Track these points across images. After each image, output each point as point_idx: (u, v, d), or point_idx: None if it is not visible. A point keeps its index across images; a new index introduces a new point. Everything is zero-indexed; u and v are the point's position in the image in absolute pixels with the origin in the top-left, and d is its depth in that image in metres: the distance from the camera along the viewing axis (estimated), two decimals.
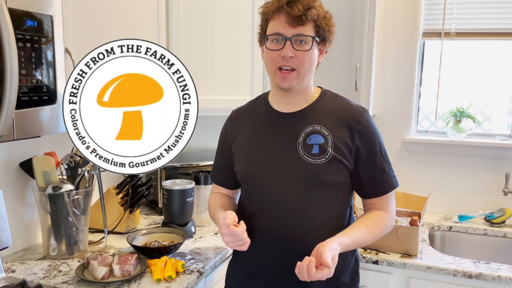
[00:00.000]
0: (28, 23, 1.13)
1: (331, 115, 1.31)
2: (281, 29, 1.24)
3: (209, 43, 2.03)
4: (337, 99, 1.36)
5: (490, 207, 2.27)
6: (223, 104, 2.11)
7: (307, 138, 1.29)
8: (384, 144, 1.34)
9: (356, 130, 1.29)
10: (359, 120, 1.29)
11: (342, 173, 1.29)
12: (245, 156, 1.39)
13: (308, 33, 1.23)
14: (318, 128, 1.29)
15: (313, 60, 1.27)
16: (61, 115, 1.32)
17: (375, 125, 1.34)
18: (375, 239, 1.32)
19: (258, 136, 1.37)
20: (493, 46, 2.28)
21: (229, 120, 1.50)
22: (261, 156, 1.34)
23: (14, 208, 1.66)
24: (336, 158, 1.27)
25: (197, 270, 1.55)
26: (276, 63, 1.26)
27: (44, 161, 1.62)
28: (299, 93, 1.32)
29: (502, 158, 2.23)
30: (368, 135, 1.30)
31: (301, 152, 1.29)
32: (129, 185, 1.89)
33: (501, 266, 1.70)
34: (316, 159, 1.27)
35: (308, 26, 1.23)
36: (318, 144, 1.28)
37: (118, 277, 1.43)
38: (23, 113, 1.13)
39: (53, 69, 1.22)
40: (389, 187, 1.34)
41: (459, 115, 2.29)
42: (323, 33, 1.26)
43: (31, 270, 1.52)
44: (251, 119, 1.41)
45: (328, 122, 1.30)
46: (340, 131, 1.29)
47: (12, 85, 1.02)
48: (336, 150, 1.27)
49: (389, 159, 1.35)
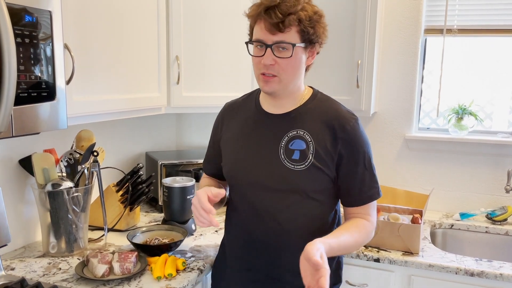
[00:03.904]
0: (26, 18, 1.11)
1: (317, 120, 1.29)
2: (262, 36, 1.22)
3: (210, 39, 2.02)
4: (327, 103, 1.33)
5: (492, 205, 2.26)
6: (223, 101, 2.10)
7: (289, 142, 1.28)
8: (371, 154, 1.31)
9: (340, 138, 1.26)
10: (344, 127, 1.26)
11: (322, 180, 1.28)
12: (229, 154, 1.40)
13: (290, 40, 1.19)
14: (301, 133, 1.28)
15: (297, 66, 1.25)
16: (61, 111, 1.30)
17: (363, 134, 1.30)
18: (357, 246, 1.30)
19: (244, 135, 1.37)
20: (495, 42, 2.27)
21: (221, 113, 1.51)
22: (244, 156, 1.35)
23: (14, 205, 1.65)
24: (316, 166, 1.25)
25: (198, 267, 1.55)
26: (259, 69, 1.25)
27: (43, 158, 1.61)
28: (286, 96, 1.31)
29: (504, 156, 2.22)
30: (352, 143, 1.27)
31: (282, 156, 1.28)
32: (129, 182, 1.88)
33: (503, 264, 1.69)
34: (295, 165, 1.26)
35: (290, 32, 1.19)
36: (299, 150, 1.26)
37: (118, 275, 1.42)
38: (22, 110, 1.12)
39: (52, 65, 1.21)
40: (368, 198, 1.32)
41: (461, 112, 2.27)
42: (309, 36, 1.22)
43: (31, 267, 1.51)
44: (240, 116, 1.42)
45: (313, 127, 1.28)
46: (323, 137, 1.27)
47: (10, 81, 1.01)
48: (317, 157, 1.25)
49: (374, 169, 1.32)
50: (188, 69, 2.00)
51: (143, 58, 1.79)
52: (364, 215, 1.33)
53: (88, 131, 1.78)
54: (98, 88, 1.55)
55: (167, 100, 1.97)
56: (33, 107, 1.16)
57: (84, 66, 1.47)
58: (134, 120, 2.32)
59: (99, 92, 1.56)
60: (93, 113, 1.54)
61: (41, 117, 1.19)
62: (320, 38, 1.26)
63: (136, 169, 1.89)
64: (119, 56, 1.65)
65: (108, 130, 2.13)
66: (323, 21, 1.26)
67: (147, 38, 1.80)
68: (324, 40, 1.29)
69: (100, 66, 1.55)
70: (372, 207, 1.34)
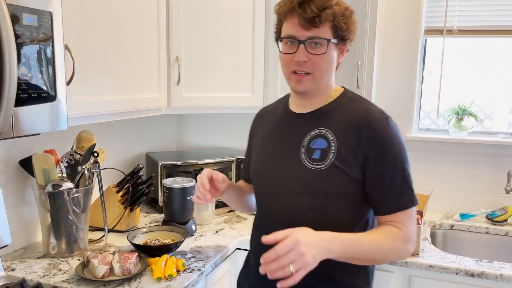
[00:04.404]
0: (27, 19, 1.12)
1: (342, 119, 1.21)
2: (294, 32, 1.16)
3: (210, 40, 2.02)
4: (356, 102, 1.24)
5: (492, 205, 2.26)
6: (223, 102, 2.11)
7: (311, 141, 1.22)
8: (404, 156, 1.18)
9: (365, 137, 1.16)
10: (370, 125, 1.16)
11: (343, 182, 1.17)
12: (256, 157, 1.37)
13: (324, 35, 1.15)
14: (323, 132, 1.21)
15: (330, 62, 1.19)
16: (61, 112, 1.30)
17: (395, 134, 1.18)
18: (384, 253, 1.15)
19: (270, 136, 1.33)
20: (495, 43, 2.27)
21: (254, 118, 1.48)
22: (267, 157, 1.31)
23: (14, 206, 1.65)
24: (337, 166, 1.17)
25: (198, 268, 1.54)
26: (290, 67, 1.19)
27: (43, 159, 1.61)
28: (316, 95, 1.25)
29: (504, 156, 2.22)
30: (379, 143, 1.16)
31: (302, 156, 1.22)
32: (129, 183, 1.88)
33: (503, 265, 1.69)
34: (315, 165, 1.19)
35: (324, 27, 1.14)
36: (320, 149, 1.20)
37: (118, 275, 1.42)
38: (22, 110, 1.12)
39: (52, 66, 1.21)
40: (399, 206, 1.17)
41: (461, 113, 2.27)
42: (342, 32, 1.17)
43: (31, 268, 1.51)
44: (269, 119, 1.38)
45: (337, 126, 1.20)
46: (347, 136, 1.18)
47: (11, 82, 1.01)
48: (338, 157, 1.17)
49: (407, 174, 1.18)
50: (189, 70, 2.01)
51: (143, 59, 1.79)
52: (397, 224, 1.18)
53: (88, 132, 1.78)
54: (99, 89, 1.56)
55: (167, 100, 1.97)
56: (34, 108, 1.16)
57: (84, 67, 1.47)
58: (135, 121, 2.32)
59: (99, 93, 1.56)
60: (93, 114, 1.54)
61: (41, 118, 1.19)
62: (351, 35, 1.21)
63: (136, 170, 1.89)
64: (120, 57, 1.65)
65: (108, 131, 2.13)
66: (353, 18, 1.21)
67: (148, 38, 1.81)
68: (354, 37, 1.23)
69: (101, 67, 1.56)
70: (406, 217, 1.18)
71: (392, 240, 1.15)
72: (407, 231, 1.17)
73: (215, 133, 2.65)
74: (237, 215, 2.20)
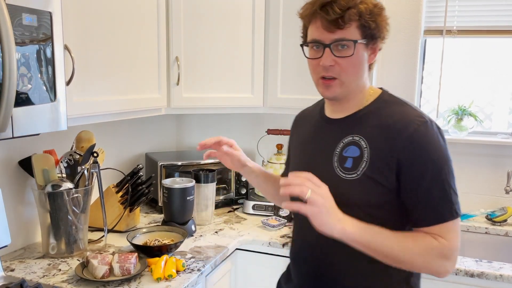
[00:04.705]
0: (27, 19, 1.11)
1: (377, 125, 1.13)
2: (318, 35, 1.11)
3: (210, 40, 2.02)
4: (393, 105, 1.16)
5: (492, 206, 2.26)
6: (223, 102, 2.11)
7: (344, 149, 1.15)
8: (444, 165, 1.08)
9: (399, 143, 1.08)
10: (405, 129, 1.08)
11: (378, 193, 1.10)
12: (293, 162, 1.34)
13: (350, 37, 1.09)
14: (357, 139, 1.14)
15: (359, 65, 1.13)
16: (61, 112, 1.30)
17: (434, 140, 1.08)
18: (408, 256, 1.07)
19: (306, 143, 1.29)
20: (495, 43, 2.27)
21: (293, 122, 1.44)
22: (303, 164, 1.27)
23: (13, 206, 1.65)
24: (369, 176, 1.10)
25: (198, 269, 1.54)
26: (318, 72, 1.14)
27: (43, 159, 1.61)
28: (348, 99, 1.18)
29: (504, 156, 2.22)
30: (415, 150, 1.07)
31: (335, 164, 1.16)
32: (129, 183, 1.88)
33: (503, 265, 1.69)
34: (347, 174, 1.12)
35: (350, 28, 1.08)
36: (352, 157, 1.13)
37: (118, 276, 1.42)
38: (22, 111, 1.12)
39: (52, 66, 1.21)
40: (436, 218, 1.08)
41: (460, 113, 2.27)
42: (371, 31, 1.10)
43: (30, 269, 1.51)
44: (305, 123, 1.34)
45: (371, 132, 1.13)
46: (381, 143, 1.10)
47: (10, 82, 1.01)
48: (371, 167, 1.10)
49: (447, 184, 1.08)
50: (188, 70, 2.00)
51: (143, 59, 1.79)
52: (435, 236, 1.08)
53: (88, 132, 1.78)
54: (98, 89, 1.55)
55: (167, 101, 1.97)
56: (33, 108, 1.16)
57: (84, 67, 1.47)
58: (134, 121, 2.32)
59: (99, 93, 1.56)
60: (93, 114, 1.54)
61: (41, 118, 1.19)
62: (382, 32, 1.14)
63: (136, 170, 1.89)
64: (119, 57, 1.65)
65: (108, 131, 2.13)
66: (384, 15, 1.14)
67: (147, 39, 1.81)
68: (386, 35, 1.17)
69: (100, 67, 1.55)
70: (445, 230, 1.08)
71: (423, 246, 1.07)
72: (445, 244, 1.07)
73: (214, 133, 2.65)
74: (237, 216, 2.20)
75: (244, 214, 2.21)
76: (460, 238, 1.11)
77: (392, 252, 1.07)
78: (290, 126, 1.45)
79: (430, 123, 1.10)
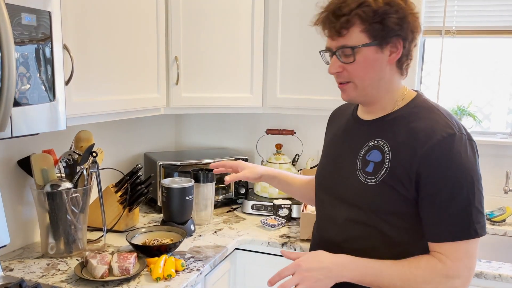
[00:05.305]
0: (26, 19, 1.11)
1: (404, 130, 1.10)
2: (328, 43, 1.14)
3: (209, 40, 2.02)
4: (423, 111, 1.12)
5: (491, 206, 2.26)
6: (222, 102, 2.11)
7: (367, 153, 1.15)
8: (466, 182, 1.04)
9: (420, 153, 1.05)
10: (429, 140, 1.04)
11: (395, 200, 1.08)
12: (322, 159, 1.34)
13: (352, 43, 1.08)
14: (381, 144, 1.12)
15: (370, 68, 1.10)
16: (60, 112, 1.30)
17: (459, 154, 1.04)
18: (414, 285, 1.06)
19: (335, 141, 1.30)
20: (494, 44, 2.27)
21: (329, 117, 1.44)
22: (329, 163, 1.28)
23: (12, 206, 1.65)
24: (388, 183, 1.08)
25: (197, 268, 1.54)
26: (335, 78, 1.17)
27: (42, 159, 1.61)
28: (374, 102, 1.17)
29: (503, 157, 2.22)
30: (435, 162, 1.04)
31: (358, 167, 1.15)
32: (128, 183, 1.88)
33: (502, 265, 1.69)
34: (367, 179, 1.12)
35: (353, 33, 1.07)
36: (374, 162, 1.12)
37: (117, 275, 1.42)
38: (21, 110, 1.12)
39: (51, 66, 1.21)
40: (448, 236, 1.05)
41: (459, 113, 2.28)
42: (380, 32, 1.07)
43: (29, 268, 1.51)
44: (339, 121, 1.33)
45: (396, 139, 1.10)
46: (404, 151, 1.08)
47: (9, 82, 1.01)
48: (391, 174, 1.08)
49: (468, 203, 1.04)
50: (188, 70, 2.00)
51: (142, 59, 1.79)
52: (440, 256, 1.06)
53: (87, 132, 1.78)
54: (97, 89, 1.55)
55: (166, 100, 1.97)
56: (32, 108, 1.16)
57: (83, 66, 1.47)
58: (133, 121, 2.32)
59: (98, 93, 1.56)
60: (92, 113, 1.54)
61: (40, 117, 1.19)
62: (398, 31, 1.07)
63: (135, 170, 1.89)
64: (119, 57, 1.64)
65: (107, 131, 2.13)
66: (400, 11, 1.07)
67: (147, 38, 1.80)
68: (410, 31, 1.10)
69: (100, 67, 1.55)
70: (457, 250, 1.04)
71: (428, 271, 1.06)
72: (452, 266, 1.04)
73: (214, 133, 2.65)
74: (236, 215, 2.20)
75: (243, 214, 2.21)
76: (475, 259, 1.08)
77: (398, 286, 1.07)
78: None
79: (458, 135, 1.06)
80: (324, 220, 1.26)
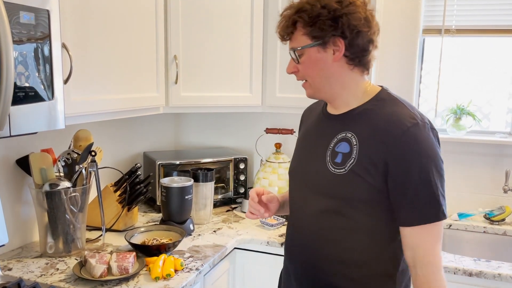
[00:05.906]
0: (24, 17, 1.11)
1: (369, 123, 1.17)
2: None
3: (208, 39, 2.02)
4: (388, 104, 1.19)
5: (490, 205, 2.26)
6: (221, 101, 2.11)
7: (336, 144, 1.20)
8: (431, 167, 1.10)
9: (386, 143, 1.11)
10: (394, 131, 1.11)
11: (362, 189, 1.14)
12: (294, 154, 1.39)
13: (295, 45, 1.19)
14: (349, 136, 1.19)
15: (317, 67, 1.18)
16: (58, 111, 1.30)
17: (422, 142, 1.10)
18: None
19: (307, 136, 1.35)
20: (494, 43, 2.27)
21: (301, 116, 1.49)
22: (301, 157, 1.33)
23: (11, 205, 1.65)
24: (355, 172, 1.14)
25: (196, 268, 1.54)
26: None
27: (41, 158, 1.60)
28: (333, 98, 1.24)
29: (502, 156, 2.22)
30: (402, 152, 1.09)
31: (327, 158, 1.21)
32: (127, 182, 1.87)
33: (501, 264, 1.69)
34: (336, 169, 1.18)
35: (297, 37, 1.18)
36: (342, 153, 1.18)
37: (116, 275, 1.42)
38: (19, 109, 1.12)
39: (50, 65, 1.20)
40: (420, 219, 1.11)
41: (459, 112, 2.28)
42: (316, 33, 1.14)
43: (28, 268, 1.51)
44: (310, 118, 1.40)
45: (362, 130, 1.17)
46: (370, 142, 1.14)
47: (8, 81, 1.01)
48: (358, 163, 1.14)
49: (434, 186, 1.11)
50: (187, 69, 2.00)
51: (141, 58, 1.78)
52: (414, 248, 1.13)
53: (85, 131, 1.78)
54: (96, 88, 1.55)
55: (165, 100, 1.96)
56: (31, 107, 1.16)
57: (82, 65, 1.46)
58: (132, 120, 2.31)
59: (97, 92, 1.55)
60: (91, 112, 1.53)
61: (38, 116, 1.19)
62: (333, 31, 1.12)
63: (134, 169, 1.88)
64: (117, 56, 1.64)
65: (106, 130, 2.13)
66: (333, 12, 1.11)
67: (146, 37, 1.80)
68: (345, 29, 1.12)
69: (98, 66, 1.55)
70: (427, 233, 1.11)
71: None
72: (425, 256, 1.12)
73: (213, 132, 2.65)
74: (235, 215, 2.19)
75: (243, 213, 2.21)
76: (441, 241, 1.14)
77: None
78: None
79: (421, 124, 1.12)
80: (298, 211, 1.30)
